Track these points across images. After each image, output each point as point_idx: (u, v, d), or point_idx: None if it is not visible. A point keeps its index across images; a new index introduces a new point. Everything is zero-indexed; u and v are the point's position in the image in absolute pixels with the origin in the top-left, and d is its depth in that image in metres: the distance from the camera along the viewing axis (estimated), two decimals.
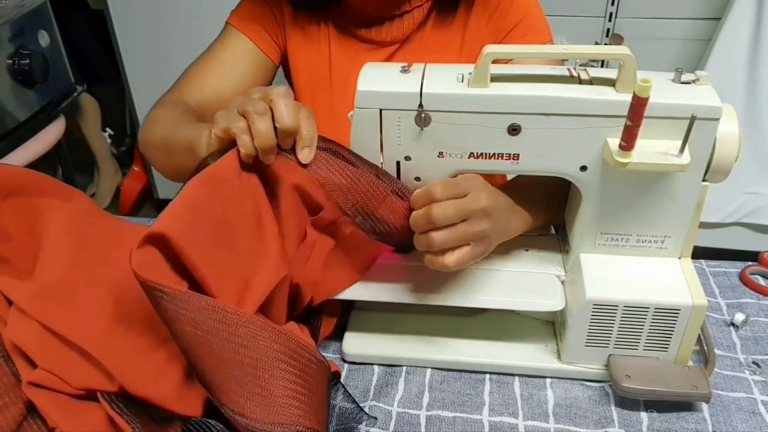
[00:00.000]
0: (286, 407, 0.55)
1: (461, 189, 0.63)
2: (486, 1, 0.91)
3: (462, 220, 0.62)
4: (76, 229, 0.71)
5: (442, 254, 0.64)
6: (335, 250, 0.71)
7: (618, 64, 0.62)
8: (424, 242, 0.64)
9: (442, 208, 0.62)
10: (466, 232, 0.63)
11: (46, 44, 1.71)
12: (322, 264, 0.70)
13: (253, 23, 0.92)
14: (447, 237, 0.62)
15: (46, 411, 0.59)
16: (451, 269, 0.64)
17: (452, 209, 0.62)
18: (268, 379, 0.55)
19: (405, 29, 0.91)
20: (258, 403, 0.55)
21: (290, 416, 0.55)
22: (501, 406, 0.69)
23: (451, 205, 0.62)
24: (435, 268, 0.64)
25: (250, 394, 0.55)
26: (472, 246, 0.64)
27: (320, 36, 0.93)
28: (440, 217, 0.61)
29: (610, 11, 1.79)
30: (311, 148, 0.63)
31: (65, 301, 0.64)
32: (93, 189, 2.39)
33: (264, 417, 0.54)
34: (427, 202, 0.63)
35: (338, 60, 0.93)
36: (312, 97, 0.96)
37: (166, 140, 0.78)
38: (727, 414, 0.68)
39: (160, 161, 0.83)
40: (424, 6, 0.90)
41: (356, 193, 0.64)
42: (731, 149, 0.63)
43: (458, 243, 0.63)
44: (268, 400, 0.55)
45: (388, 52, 0.93)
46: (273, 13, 0.93)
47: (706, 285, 0.85)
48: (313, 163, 0.64)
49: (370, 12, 0.90)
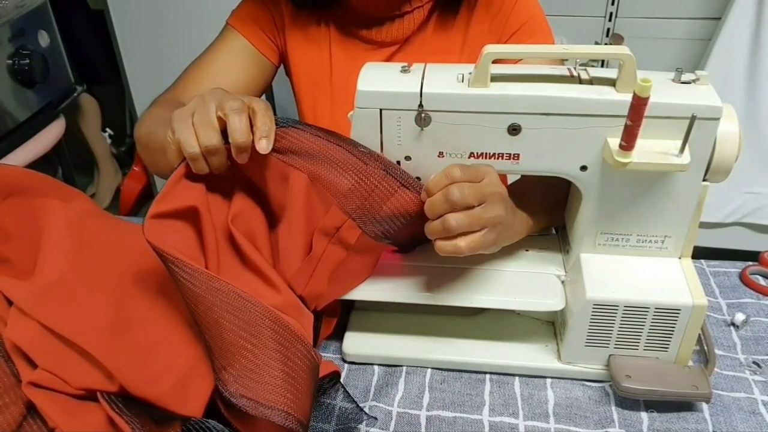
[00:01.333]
0: (269, 387, 0.56)
1: (479, 173, 0.63)
2: (488, 3, 0.90)
3: (478, 204, 0.62)
4: (76, 229, 0.71)
5: (454, 238, 0.63)
6: (340, 263, 0.70)
7: (618, 64, 0.62)
8: (438, 227, 0.63)
9: (460, 189, 0.61)
10: (481, 217, 0.62)
11: (46, 44, 1.71)
12: (327, 279, 0.69)
13: (251, 24, 0.92)
14: (463, 220, 0.61)
15: (46, 411, 0.59)
16: (464, 254, 0.63)
17: (470, 189, 0.61)
18: (256, 355, 0.57)
19: (405, 30, 0.91)
20: (239, 378, 0.56)
21: (277, 400, 0.55)
22: (501, 406, 0.69)
23: (469, 186, 0.61)
24: (446, 253, 0.63)
25: (237, 369, 0.56)
26: (485, 232, 0.63)
27: (320, 36, 0.93)
28: (458, 197, 0.61)
29: (610, 11, 1.79)
30: (269, 139, 0.63)
31: (65, 301, 0.64)
32: (93, 189, 2.39)
33: (244, 392, 0.55)
34: (445, 183, 0.62)
35: (339, 60, 0.93)
36: (313, 98, 0.96)
37: (148, 138, 0.80)
38: (728, 414, 0.67)
39: (145, 159, 0.85)
40: (425, 7, 0.90)
41: (361, 193, 0.64)
42: (731, 149, 0.63)
43: (473, 227, 0.62)
44: (251, 376, 0.56)
45: (389, 53, 0.93)
46: (272, 13, 0.93)
47: (707, 285, 0.85)
48: (315, 167, 0.64)
49: (371, 12, 0.90)
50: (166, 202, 0.62)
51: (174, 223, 0.63)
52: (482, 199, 0.62)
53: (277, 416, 0.54)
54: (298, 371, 0.58)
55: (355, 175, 0.65)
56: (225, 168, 0.64)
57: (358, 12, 0.91)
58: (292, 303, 0.65)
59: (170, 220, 0.62)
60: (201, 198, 0.64)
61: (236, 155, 0.62)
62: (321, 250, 0.68)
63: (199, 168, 0.63)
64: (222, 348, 0.58)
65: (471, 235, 0.63)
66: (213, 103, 0.62)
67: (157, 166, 0.81)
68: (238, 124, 0.61)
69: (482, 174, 0.63)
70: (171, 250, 0.59)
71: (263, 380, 0.56)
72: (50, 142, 1.74)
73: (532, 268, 0.75)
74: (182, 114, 0.63)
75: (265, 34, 0.93)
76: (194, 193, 0.64)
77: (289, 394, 0.56)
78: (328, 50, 0.93)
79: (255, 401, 0.55)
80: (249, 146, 0.62)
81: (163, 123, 0.76)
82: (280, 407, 0.55)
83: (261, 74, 0.94)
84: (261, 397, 0.55)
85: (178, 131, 0.62)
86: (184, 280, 0.59)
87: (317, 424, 0.66)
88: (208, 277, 0.59)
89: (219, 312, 0.58)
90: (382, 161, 0.66)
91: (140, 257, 0.72)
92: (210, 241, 0.64)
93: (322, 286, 0.69)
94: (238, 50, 0.92)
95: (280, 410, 0.55)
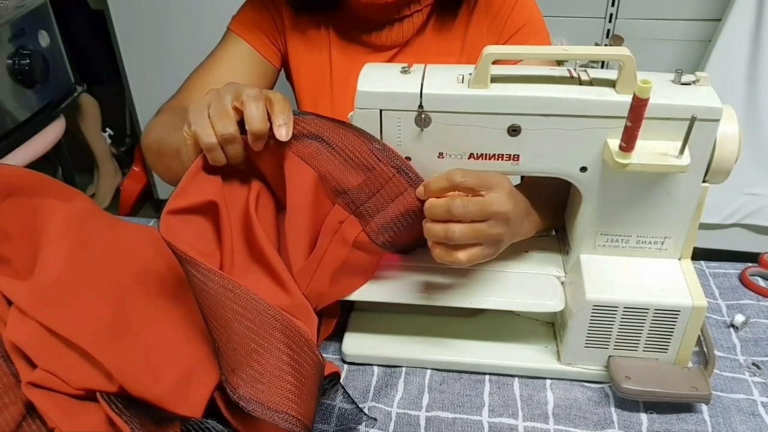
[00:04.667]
0: (278, 391, 0.56)
1: (483, 183, 0.62)
2: (487, 6, 0.90)
3: (482, 220, 0.62)
4: (76, 229, 0.71)
5: (455, 249, 0.63)
6: (342, 263, 0.70)
7: (618, 65, 0.62)
8: (441, 233, 0.62)
9: (464, 203, 0.61)
10: (484, 233, 0.62)
11: (46, 44, 1.71)
12: (329, 279, 0.69)
13: (253, 28, 0.93)
14: (468, 234, 0.61)
15: (46, 411, 0.59)
16: (463, 266, 0.63)
17: (474, 206, 0.61)
18: (266, 359, 0.57)
19: (405, 33, 0.91)
20: (250, 381, 0.56)
21: (287, 405, 0.55)
22: (501, 407, 0.69)
23: (474, 202, 0.61)
24: (444, 262, 0.64)
25: (248, 372, 0.56)
26: (484, 246, 0.63)
27: (321, 39, 0.94)
28: (460, 211, 0.60)
29: (611, 12, 1.79)
30: (288, 126, 0.63)
31: (65, 301, 0.64)
32: (93, 189, 2.39)
33: (254, 396, 0.55)
34: (445, 185, 0.62)
35: (339, 63, 0.94)
36: (313, 101, 0.96)
37: (159, 144, 0.80)
38: (727, 415, 0.67)
39: (156, 166, 0.85)
40: (424, 10, 0.91)
41: (370, 189, 0.65)
42: (731, 150, 0.63)
43: (475, 241, 0.62)
44: (261, 380, 0.56)
45: (388, 56, 0.93)
46: (273, 17, 0.93)
47: (706, 286, 0.85)
48: (327, 158, 0.64)
49: (371, 16, 0.90)
50: (183, 198, 0.63)
51: (191, 218, 0.63)
52: (486, 217, 0.62)
53: (286, 421, 0.55)
54: (307, 375, 0.58)
55: (366, 170, 0.65)
56: (242, 158, 0.64)
57: (357, 16, 0.91)
58: (300, 304, 0.65)
59: (187, 215, 0.63)
60: (218, 191, 0.65)
61: (253, 143, 0.62)
62: (324, 247, 0.68)
63: (216, 158, 0.63)
64: (232, 350, 0.58)
65: (471, 248, 0.63)
66: (229, 94, 0.63)
67: (170, 172, 0.80)
68: (255, 111, 0.61)
69: (489, 185, 0.62)
70: (186, 249, 0.59)
71: (273, 384, 0.56)
72: (50, 142, 1.74)
73: (531, 269, 0.75)
74: (198, 107, 0.64)
75: (267, 38, 0.93)
76: (212, 187, 0.64)
77: (298, 399, 0.56)
78: (328, 53, 0.93)
79: (264, 405, 0.55)
80: (266, 134, 0.62)
81: (172, 128, 0.77)
82: (289, 412, 0.55)
83: (264, 78, 0.95)
84: (271, 402, 0.55)
85: (195, 124, 0.62)
86: (198, 280, 0.59)
87: (317, 425, 0.66)
88: (222, 279, 0.59)
89: (231, 314, 0.58)
90: (395, 159, 0.66)
91: (140, 257, 0.72)
92: (226, 235, 0.64)
93: (323, 285, 0.69)
94: (241, 55, 0.93)
95: (289, 415, 0.55)
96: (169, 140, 0.76)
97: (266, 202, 0.70)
